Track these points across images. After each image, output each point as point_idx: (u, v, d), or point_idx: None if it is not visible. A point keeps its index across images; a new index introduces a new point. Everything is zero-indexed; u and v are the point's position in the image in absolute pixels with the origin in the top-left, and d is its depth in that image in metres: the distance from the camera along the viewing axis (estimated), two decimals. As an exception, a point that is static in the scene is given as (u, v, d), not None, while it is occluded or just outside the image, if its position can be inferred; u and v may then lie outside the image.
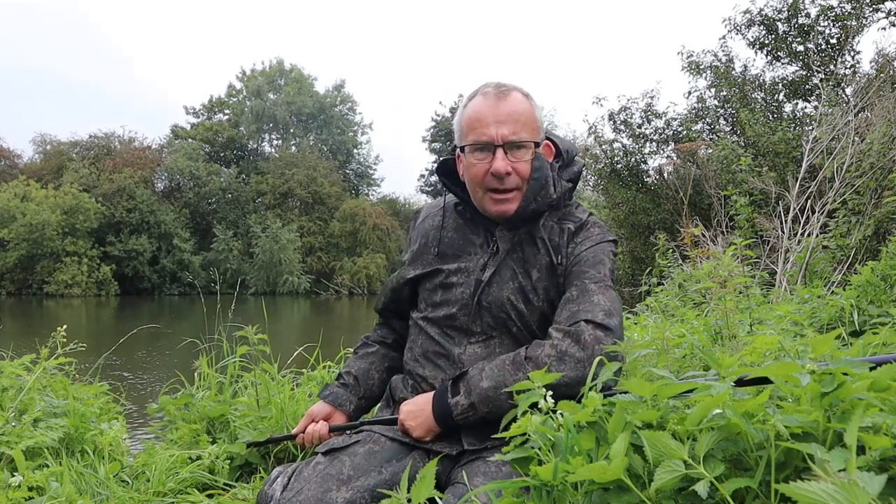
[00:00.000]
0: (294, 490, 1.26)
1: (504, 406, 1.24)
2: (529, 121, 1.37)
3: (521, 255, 1.41)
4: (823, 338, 0.86)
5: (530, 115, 1.38)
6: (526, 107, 1.38)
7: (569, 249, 1.40)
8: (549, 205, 1.41)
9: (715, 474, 0.74)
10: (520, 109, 1.37)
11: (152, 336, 10.26)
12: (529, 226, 1.42)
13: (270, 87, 49.03)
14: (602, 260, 1.38)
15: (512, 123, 1.35)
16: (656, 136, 13.61)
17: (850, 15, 11.94)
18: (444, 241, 1.48)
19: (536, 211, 1.40)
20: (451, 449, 1.34)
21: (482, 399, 1.27)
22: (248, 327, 2.35)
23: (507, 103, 1.36)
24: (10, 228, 34.44)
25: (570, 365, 1.22)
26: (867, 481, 0.58)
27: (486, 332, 1.40)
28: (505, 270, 1.40)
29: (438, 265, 1.47)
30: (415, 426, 1.36)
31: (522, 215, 1.39)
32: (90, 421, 1.90)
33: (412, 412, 1.37)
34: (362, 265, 42.34)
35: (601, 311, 1.27)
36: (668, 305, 3.98)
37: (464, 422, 1.30)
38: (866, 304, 2.70)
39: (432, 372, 1.43)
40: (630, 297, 6.48)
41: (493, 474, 1.23)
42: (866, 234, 5.20)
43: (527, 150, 1.37)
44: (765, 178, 6.95)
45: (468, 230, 1.47)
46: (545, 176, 1.38)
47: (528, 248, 1.41)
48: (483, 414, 1.28)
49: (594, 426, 0.90)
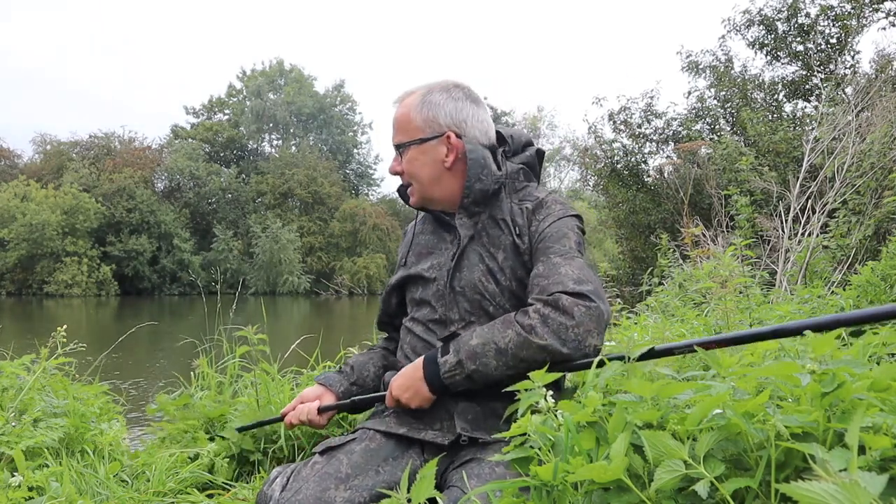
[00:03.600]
0: (293, 490, 1.26)
1: (490, 364, 1.24)
2: (404, 124, 1.48)
3: (486, 238, 1.44)
4: (823, 338, 0.86)
5: (406, 119, 1.48)
6: (404, 111, 1.49)
7: (532, 228, 1.42)
8: (498, 182, 1.44)
9: (715, 474, 0.74)
10: (400, 117, 1.49)
11: (153, 336, 10.27)
12: (489, 208, 1.45)
13: (270, 87, 49.06)
14: (566, 234, 1.40)
15: (395, 131, 1.50)
16: (656, 135, 13.61)
17: (850, 15, 11.93)
18: (420, 244, 1.55)
19: (486, 191, 1.43)
20: (444, 438, 1.34)
21: (469, 355, 1.27)
22: (247, 327, 2.34)
23: (396, 112, 1.51)
24: (10, 228, 34.46)
25: (554, 327, 1.22)
26: (868, 481, 0.58)
27: (463, 317, 1.42)
28: (472, 255, 1.43)
29: (416, 266, 1.52)
30: (409, 397, 1.35)
31: (472, 199, 1.43)
32: (90, 421, 1.90)
33: (402, 385, 1.36)
34: (362, 265, 42.35)
35: (571, 280, 1.27)
36: (668, 305, 3.98)
37: (452, 381, 1.29)
38: (866, 304, 2.70)
39: None
40: (630, 297, 6.48)
41: (487, 476, 1.22)
42: (866, 234, 5.20)
43: (408, 151, 1.48)
44: (766, 177, 6.95)
45: (441, 230, 1.53)
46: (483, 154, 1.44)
47: (492, 230, 1.44)
48: (470, 372, 1.27)
49: (594, 426, 0.90)
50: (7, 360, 2.00)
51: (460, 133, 1.46)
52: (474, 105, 1.50)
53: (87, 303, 31.47)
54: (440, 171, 1.47)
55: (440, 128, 1.46)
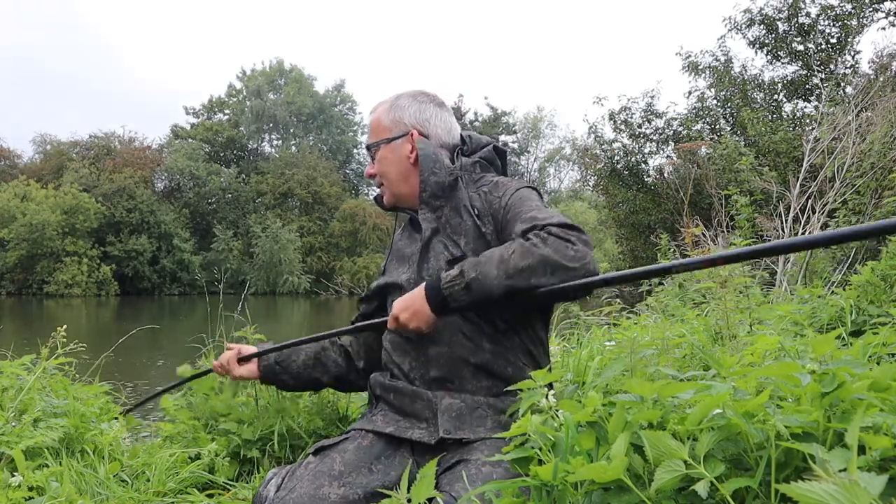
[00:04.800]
0: (287, 489, 1.29)
1: (491, 272, 1.24)
2: (375, 127, 1.61)
3: (449, 229, 1.49)
4: (823, 338, 0.86)
5: (377, 122, 1.60)
6: (375, 116, 1.61)
7: (494, 206, 1.46)
8: (452, 174, 1.51)
9: (715, 474, 0.74)
10: (372, 121, 1.63)
11: (153, 336, 10.27)
12: (449, 201, 1.51)
13: (270, 87, 49.04)
14: (528, 196, 1.45)
15: (368, 135, 1.62)
16: (656, 135, 13.62)
17: (850, 15, 11.94)
18: (397, 250, 1.62)
19: (442, 183, 1.49)
20: (430, 437, 1.34)
21: (471, 265, 1.27)
22: (246, 327, 2.34)
23: (370, 119, 1.64)
24: (10, 228, 34.43)
25: (554, 246, 1.24)
26: (868, 481, 0.58)
27: None
28: (437, 245, 1.48)
29: (393, 269, 1.60)
30: (408, 316, 1.33)
31: (430, 192, 1.50)
32: (90, 421, 1.90)
33: (403, 303, 1.35)
34: (362, 265, 42.32)
35: (554, 217, 1.31)
36: (668, 305, 3.97)
37: (451, 292, 1.27)
38: (866, 304, 2.70)
39: (400, 358, 1.47)
40: (630, 297, 6.48)
41: (475, 477, 1.22)
42: (866, 234, 5.19)
43: (377, 150, 1.59)
44: (766, 177, 6.96)
45: (414, 231, 1.60)
46: (434, 150, 1.53)
47: (454, 219, 1.49)
48: (469, 280, 1.25)
49: (594, 426, 0.90)
50: (7, 360, 2.00)
51: (424, 132, 1.56)
52: (437, 108, 1.61)
53: (87, 303, 31.46)
54: (407, 168, 1.56)
55: (405, 127, 1.57)
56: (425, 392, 1.39)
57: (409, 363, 1.44)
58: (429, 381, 1.40)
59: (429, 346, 1.40)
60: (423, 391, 1.39)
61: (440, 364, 1.40)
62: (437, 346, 1.40)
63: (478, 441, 1.30)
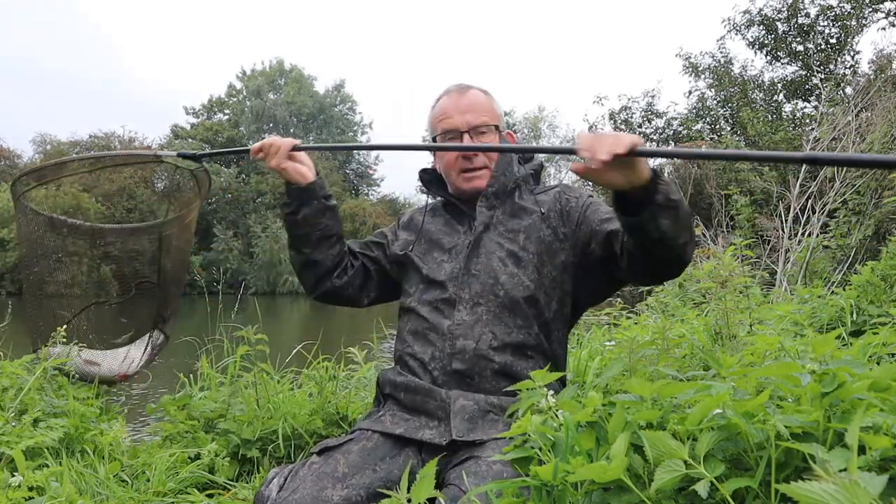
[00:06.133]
0: (290, 489, 1.26)
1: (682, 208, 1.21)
2: (489, 109, 1.57)
3: (502, 227, 1.53)
4: (823, 338, 0.86)
5: (489, 106, 1.58)
6: (484, 99, 1.58)
7: (571, 205, 1.53)
8: (515, 181, 1.57)
9: (715, 474, 0.74)
10: (479, 100, 1.57)
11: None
12: (504, 205, 1.55)
13: (270, 87, 49.03)
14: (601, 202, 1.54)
15: (473, 112, 1.54)
16: (657, 135, 13.62)
17: (850, 15, 11.94)
18: (432, 232, 1.61)
19: (506, 185, 1.55)
20: (441, 438, 1.33)
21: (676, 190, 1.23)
22: (247, 327, 2.35)
23: (468, 97, 1.57)
24: (11, 228, 34.44)
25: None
26: (868, 481, 0.58)
27: (472, 299, 1.46)
28: (489, 243, 1.51)
29: (426, 255, 1.58)
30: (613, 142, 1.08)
31: (495, 190, 1.54)
32: (90, 421, 1.90)
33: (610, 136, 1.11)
34: (362, 265, 42.30)
35: None
36: (668, 305, 3.98)
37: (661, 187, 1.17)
38: (866, 303, 2.70)
39: (422, 348, 1.46)
40: (630, 297, 6.48)
41: (485, 474, 1.22)
42: (866, 234, 5.20)
43: (489, 132, 1.55)
44: (766, 177, 6.96)
45: (454, 221, 1.60)
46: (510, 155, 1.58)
47: (511, 220, 1.53)
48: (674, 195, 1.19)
49: (594, 426, 0.90)
50: (7, 360, 2.00)
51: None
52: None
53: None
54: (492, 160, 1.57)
55: (503, 124, 1.61)
56: (439, 391, 1.38)
57: (431, 353, 1.44)
58: (448, 374, 1.40)
59: (458, 337, 1.42)
60: (437, 389, 1.39)
61: (465, 358, 1.40)
62: (466, 340, 1.41)
63: (490, 441, 1.30)
